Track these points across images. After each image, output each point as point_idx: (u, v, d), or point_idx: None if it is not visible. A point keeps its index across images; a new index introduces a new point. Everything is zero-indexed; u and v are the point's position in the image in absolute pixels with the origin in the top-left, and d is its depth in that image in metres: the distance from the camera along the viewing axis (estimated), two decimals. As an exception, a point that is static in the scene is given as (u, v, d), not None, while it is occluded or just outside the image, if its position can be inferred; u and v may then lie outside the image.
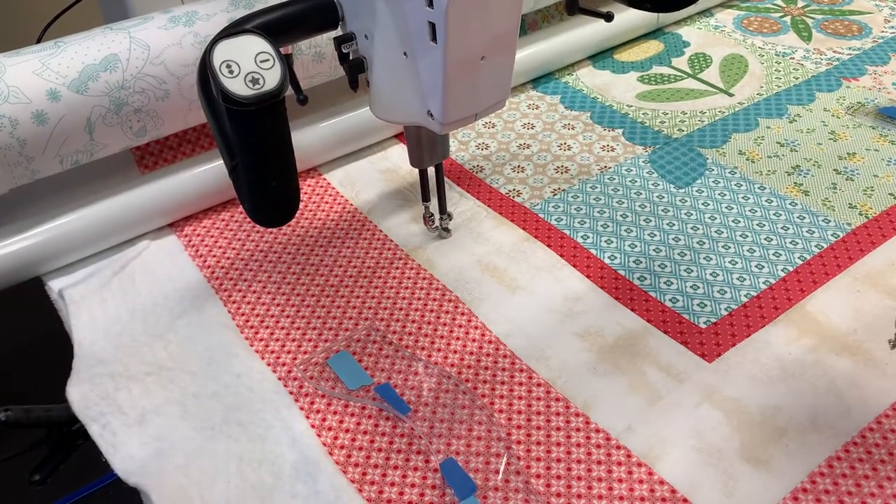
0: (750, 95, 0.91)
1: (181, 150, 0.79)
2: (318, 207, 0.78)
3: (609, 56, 1.01)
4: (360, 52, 0.58)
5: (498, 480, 0.53)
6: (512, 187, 0.79)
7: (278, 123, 0.53)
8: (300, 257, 0.72)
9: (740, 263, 0.68)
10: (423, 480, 0.53)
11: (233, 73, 0.48)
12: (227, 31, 0.50)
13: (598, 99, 0.92)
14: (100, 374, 0.61)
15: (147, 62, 0.66)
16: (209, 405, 0.59)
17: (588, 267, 0.69)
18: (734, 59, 0.98)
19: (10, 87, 0.61)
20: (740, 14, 1.09)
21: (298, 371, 0.61)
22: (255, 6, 0.70)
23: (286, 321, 0.65)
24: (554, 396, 0.58)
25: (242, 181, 0.55)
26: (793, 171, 0.79)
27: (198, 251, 0.73)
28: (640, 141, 0.85)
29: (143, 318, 0.66)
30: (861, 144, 0.82)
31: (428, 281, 0.68)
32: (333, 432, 0.56)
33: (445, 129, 0.56)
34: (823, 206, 0.74)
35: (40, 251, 0.68)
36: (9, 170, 0.63)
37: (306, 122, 0.80)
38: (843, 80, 0.93)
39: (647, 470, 0.53)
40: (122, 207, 0.71)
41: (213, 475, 0.54)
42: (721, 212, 0.74)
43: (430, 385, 0.59)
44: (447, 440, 0.55)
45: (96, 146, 0.67)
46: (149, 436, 0.56)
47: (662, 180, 0.79)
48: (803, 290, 0.65)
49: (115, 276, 0.70)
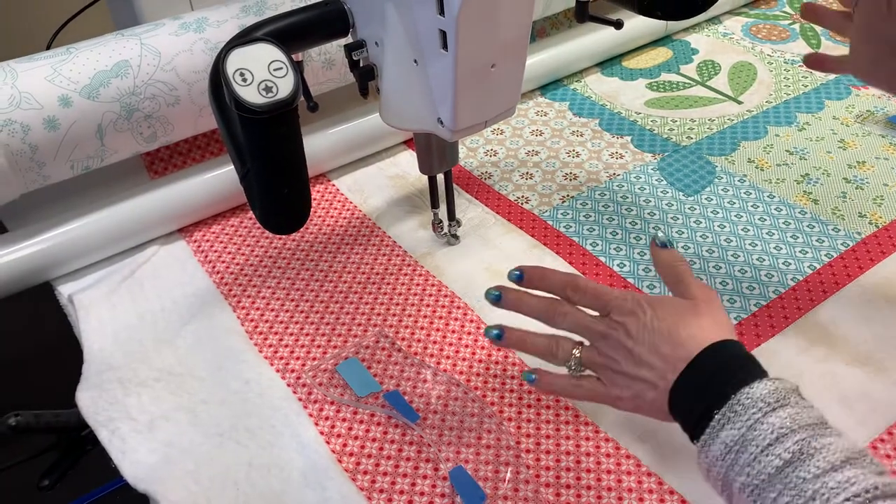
0: (759, 103, 0.91)
1: (191, 156, 0.79)
2: (326, 213, 0.78)
3: (618, 63, 1.01)
4: (371, 59, 0.58)
5: (507, 489, 0.52)
6: (520, 194, 0.79)
7: (291, 131, 0.53)
8: (309, 263, 0.72)
9: (750, 272, 0.68)
10: (432, 489, 0.53)
11: (246, 82, 0.48)
12: (240, 38, 0.51)
13: (607, 106, 0.92)
14: (109, 379, 0.61)
15: (158, 68, 0.66)
16: (218, 411, 0.59)
17: (597, 274, 0.69)
18: (743, 66, 0.98)
19: (23, 93, 0.61)
20: (749, 21, 1.09)
21: (307, 377, 0.61)
22: (265, 13, 0.70)
23: (295, 327, 0.65)
24: (563, 405, 0.58)
25: (254, 188, 0.55)
26: (802, 179, 0.79)
27: (207, 257, 0.73)
28: (648, 148, 0.85)
29: (152, 323, 0.66)
30: (870, 153, 0.81)
31: (437, 287, 0.68)
32: (342, 439, 0.56)
33: (456, 136, 0.56)
34: (833, 215, 0.73)
35: (50, 256, 0.68)
36: (20, 175, 0.63)
37: (316, 128, 0.80)
38: (853, 88, 0.93)
39: (658, 480, 0.52)
40: (132, 213, 0.71)
41: (221, 481, 0.54)
42: (730, 220, 0.74)
43: (439, 392, 0.59)
44: (456, 448, 0.55)
45: (107, 152, 0.67)
46: (158, 441, 0.56)
47: (671, 188, 0.78)
48: (813, 299, 0.65)
49: (125, 281, 0.70)
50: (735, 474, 0.42)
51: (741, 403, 0.42)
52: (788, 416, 0.41)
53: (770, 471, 0.40)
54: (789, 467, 0.39)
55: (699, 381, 0.45)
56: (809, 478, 0.39)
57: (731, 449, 0.42)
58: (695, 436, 0.45)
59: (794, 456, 0.39)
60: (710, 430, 0.43)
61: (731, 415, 0.42)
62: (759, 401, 0.42)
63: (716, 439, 0.43)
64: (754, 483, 0.40)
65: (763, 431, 0.41)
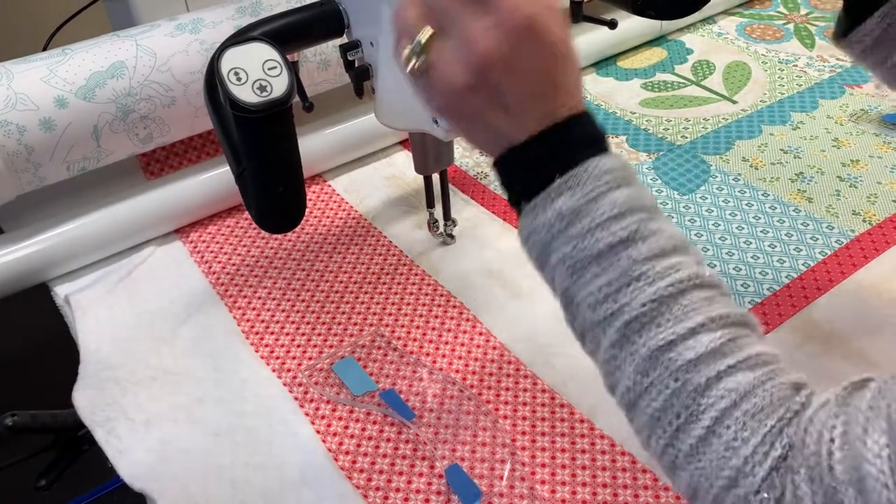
0: (753, 102, 0.92)
1: (187, 157, 0.80)
2: (322, 214, 0.78)
3: (613, 63, 1.01)
4: (366, 59, 0.58)
5: (503, 486, 0.53)
6: (516, 194, 0.79)
7: (286, 130, 0.53)
8: (305, 263, 0.72)
9: (744, 270, 0.68)
10: (427, 486, 0.53)
11: (241, 81, 0.48)
12: (235, 38, 0.51)
13: (602, 106, 0.93)
14: (106, 379, 0.61)
15: (154, 69, 0.66)
16: (215, 410, 0.59)
17: (592, 273, 0.69)
18: (737, 66, 0.99)
19: (18, 94, 0.61)
20: (743, 21, 1.09)
21: (303, 377, 0.61)
22: (261, 14, 0.70)
23: (291, 327, 0.65)
24: (559, 402, 0.58)
25: (249, 187, 0.55)
26: (796, 177, 0.79)
27: (203, 257, 0.73)
28: (643, 148, 0.85)
29: (148, 323, 0.66)
30: (864, 151, 0.82)
31: (432, 287, 0.68)
32: (338, 438, 0.56)
33: (451, 135, 0.57)
34: (827, 213, 0.74)
35: (47, 257, 0.69)
36: (16, 176, 0.64)
37: (311, 128, 0.81)
38: (847, 87, 0.93)
39: (652, 476, 0.53)
40: (128, 214, 0.72)
41: (218, 480, 0.54)
42: (725, 218, 0.74)
43: (435, 391, 0.59)
44: (452, 446, 0.55)
45: (103, 153, 0.67)
46: (154, 441, 0.57)
47: (666, 187, 0.79)
48: (807, 296, 0.65)
49: (121, 281, 0.70)
50: (559, 244, 0.39)
51: (588, 173, 0.38)
52: (629, 195, 0.38)
53: (601, 247, 0.38)
54: (621, 245, 0.38)
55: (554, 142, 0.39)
56: (640, 259, 0.37)
57: (563, 217, 0.38)
58: (523, 197, 0.40)
59: (629, 235, 0.38)
60: (546, 193, 0.39)
61: (573, 182, 0.38)
62: (606, 173, 0.38)
63: (550, 205, 0.39)
64: (579, 257, 0.38)
65: (603, 206, 0.38)
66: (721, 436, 0.35)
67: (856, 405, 0.33)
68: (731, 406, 0.35)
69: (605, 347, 0.39)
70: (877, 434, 0.31)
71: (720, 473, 0.35)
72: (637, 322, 0.37)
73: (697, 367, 0.36)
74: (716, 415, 0.35)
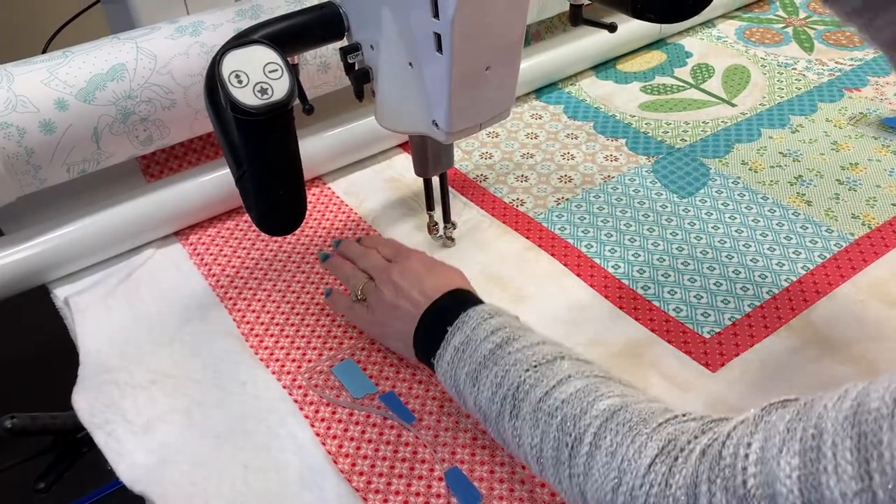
0: (752, 106, 0.92)
1: (187, 159, 0.80)
2: (322, 216, 0.78)
3: (612, 66, 1.02)
4: (366, 62, 0.58)
5: (503, 489, 0.53)
6: (515, 196, 0.79)
7: (286, 133, 0.53)
8: (305, 265, 0.72)
9: (744, 273, 0.68)
10: (427, 489, 0.53)
11: (241, 83, 0.48)
12: (236, 41, 0.51)
13: (602, 109, 0.93)
14: (105, 381, 0.61)
15: (154, 72, 0.66)
16: (214, 413, 0.59)
17: (592, 276, 0.69)
18: (736, 69, 0.99)
19: (19, 96, 0.61)
20: (742, 25, 1.09)
21: (303, 379, 0.61)
22: (261, 16, 0.70)
23: (291, 329, 0.65)
24: (558, 405, 0.58)
25: (249, 190, 0.56)
26: (795, 181, 0.79)
27: (203, 259, 0.73)
28: (643, 151, 0.85)
29: (148, 326, 0.66)
30: (863, 155, 0.82)
31: (432, 290, 0.68)
32: (338, 441, 0.56)
33: (450, 138, 0.57)
34: (826, 217, 0.74)
35: (46, 259, 0.69)
36: (16, 178, 0.64)
37: (311, 131, 0.81)
38: (846, 90, 0.93)
39: (652, 479, 0.53)
40: (128, 216, 0.72)
41: (218, 483, 0.54)
42: (724, 222, 0.74)
43: (435, 393, 0.59)
44: (452, 449, 0.55)
45: (103, 155, 0.67)
46: (154, 443, 0.57)
47: (665, 190, 0.79)
48: (806, 300, 0.65)
49: (121, 284, 0.70)
50: (460, 369, 0.51)
51: (469, 315, 0.53)
52: (501, 320, 0.52)
53: (485, 353, 0.50)
54: (500, 348, 0.50)
55: (442, 308, 0.55)
56: (514, 351, 0.49)
57: (458, 350, 0.52)
58: (432, 352, 0.54)
59: (503, 340, 0.50)
60: (445, 341, 0.53)
61: (460, 325, 0.53)
62: (483, 311, 0.53)
63: (448, 347, 0.52)
64: (473, 367, 0.50)
65: (483, 330, 0.51)
66: (601, 447, 0.42)
67: (774, 424, 0.36)
68: (606, 420, 0.43)
69: (508, 426, 0.48)
70: (789, 455, 0.34)
71: (608, 476, 0.41)
72: (521, 391, 0.47)
73: (571, 403, 0.45)
74: (595, 430, 0.43)
